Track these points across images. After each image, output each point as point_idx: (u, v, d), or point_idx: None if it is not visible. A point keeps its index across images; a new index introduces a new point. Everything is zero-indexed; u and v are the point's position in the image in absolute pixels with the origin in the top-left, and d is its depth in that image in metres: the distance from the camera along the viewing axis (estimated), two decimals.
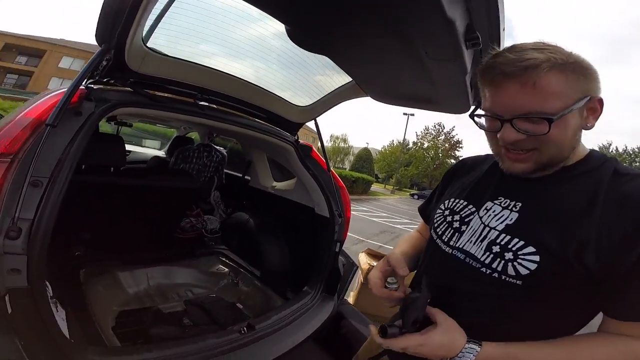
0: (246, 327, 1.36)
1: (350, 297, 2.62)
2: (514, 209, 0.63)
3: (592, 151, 0.65)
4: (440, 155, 41.43)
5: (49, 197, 0.94)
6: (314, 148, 1.92)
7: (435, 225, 0.76)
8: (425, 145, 42.80)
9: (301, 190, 2.08)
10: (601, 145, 36.79)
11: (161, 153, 4.51)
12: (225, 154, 3.14)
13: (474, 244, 0.64)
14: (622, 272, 0.51)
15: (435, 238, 0.74)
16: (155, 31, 1.20)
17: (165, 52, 1.32)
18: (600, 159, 0.62)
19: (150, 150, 4.96)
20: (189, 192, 2.18)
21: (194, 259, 2.24)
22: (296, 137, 1.90)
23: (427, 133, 42.59)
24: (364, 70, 1.32)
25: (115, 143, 1.76)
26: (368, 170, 25.15)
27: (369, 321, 1.77)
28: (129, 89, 1.29)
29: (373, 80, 1.39)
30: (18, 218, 0.88)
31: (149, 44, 1.24)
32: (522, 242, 0.58)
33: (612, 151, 35.97)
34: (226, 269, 2.27)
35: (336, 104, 1.73)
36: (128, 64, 1.21)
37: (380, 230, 8.88)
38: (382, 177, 47.78)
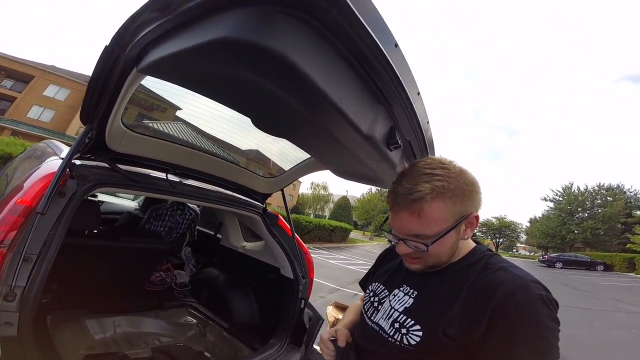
0: None
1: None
2: (412, 295, 0.84)
3: (475, 247, 0.85)
4: None
5: (38, 270, 1.08)
6: (280, 217, 2.09)
7: (364, 303, 0.98)
8: None
9: (269, 252, 2.21)
10: (564, 185, 39.51)
11: (135, 204, 4.48)
12: (198, 212, 3.21)
13: (385, 320, 0.85)
14: (476, 339, 0.68)
15: (363, 313, 0.96)
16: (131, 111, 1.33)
17: (142, 132, 1.44)
18: (478, 255, 0.81)
19: (123, 200, 4.87)
20: (157, 252, 2.25)
21: (162, 311, 2.27)
22: (264, 206, 2.06)
23: None
24: (321, 153, 1.54)
25: (90, 208, 1.84)
26: (347, 218, 25.57)
27: None
28: (106, 165, 1.41)
29: (329, 160, 1.61)
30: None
31: (127, 124, 1.36)
32: (412, 322, 0.79)
33: (574, 190, 38.07)
34: (194, 321, 2.32)
35: (301, 176, 1.93)
36: (107, 144, 1.34)
37: (356, 278, 8.87)
38: (361, 224, 48.00)
